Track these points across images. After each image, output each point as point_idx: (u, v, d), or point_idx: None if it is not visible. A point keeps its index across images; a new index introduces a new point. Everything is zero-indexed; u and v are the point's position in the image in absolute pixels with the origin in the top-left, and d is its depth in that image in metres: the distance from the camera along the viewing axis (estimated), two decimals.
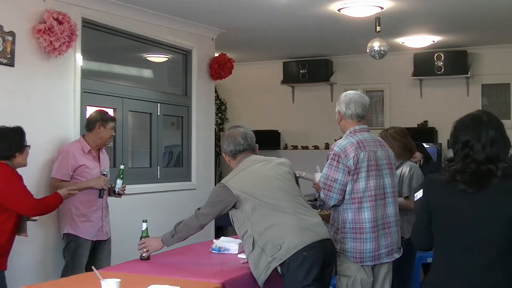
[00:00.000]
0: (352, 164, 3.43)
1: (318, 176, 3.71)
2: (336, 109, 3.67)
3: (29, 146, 4.12)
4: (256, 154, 3.60)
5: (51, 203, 4.19)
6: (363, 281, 3.45)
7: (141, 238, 3.69)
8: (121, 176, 4.77)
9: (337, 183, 3.45)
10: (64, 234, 4.75)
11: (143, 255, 3.64)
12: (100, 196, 4.76)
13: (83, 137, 4.86)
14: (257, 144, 3.64)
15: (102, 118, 4.82)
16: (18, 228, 4.09)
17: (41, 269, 4.87)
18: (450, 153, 2.63)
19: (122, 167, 4.82)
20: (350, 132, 3.58)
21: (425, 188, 2.60)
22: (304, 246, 3.19)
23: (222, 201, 3.37)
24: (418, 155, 6.64)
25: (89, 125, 4.83)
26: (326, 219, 3.75)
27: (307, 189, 4.06)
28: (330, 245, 3.35)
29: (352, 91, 3.67)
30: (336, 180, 3.45)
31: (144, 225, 3.73)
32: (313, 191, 3.86)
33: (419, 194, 2.62)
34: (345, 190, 3.46)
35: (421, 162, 6.61)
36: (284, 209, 3.30)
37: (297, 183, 3.55)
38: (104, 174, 4.77)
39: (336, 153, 3.48)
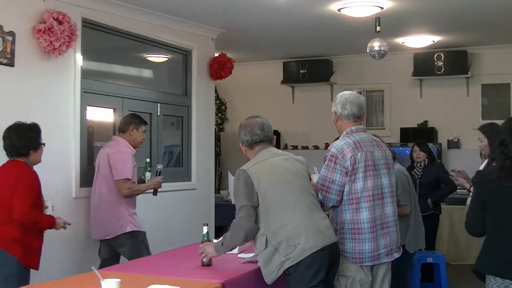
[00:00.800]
0: (349, 164, 3.42)
1: (315, 178, 3.70)
2: (332, 110, 3.66)
3: (44, 143, 4.09)
4: (273, 146, 3.58)
5: (42, 221, 3.97)
6: (361, 281, 3.45)
7: (202, 242, 3.53)
8: (149, 169, 5.16)
9: (335, 184, 3.44)
10: (125, 233, 4.79)
11: (203, 260, 3.47)
12: (155, 194, 5.17)
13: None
14: (274, 136, 3.62)
15: (135, 121, 5.00)
16: None
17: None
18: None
19: (148, 160, 5.20)
20: (346, 133, 3.57)
21: (477, 185, 3.09)
22: (317, 249, 3.18)
23: (248, 187, 3.24)
24: (422, 154, 6.61)
25: (123, 127, 5.01)
26: None
27: None
28: (336, 248, 3.35)
29: (348, 91, 3.67)
30: (333, 181, 3.44)
31: (205, 229, 3.56)
32: None
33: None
34: (343, 191, 3.45)
35: (426, 162, 6.55)
36: (298, 207, 3.28)
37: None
38: (159, 172, 5.12)
39: (333, 154, 3.47)
